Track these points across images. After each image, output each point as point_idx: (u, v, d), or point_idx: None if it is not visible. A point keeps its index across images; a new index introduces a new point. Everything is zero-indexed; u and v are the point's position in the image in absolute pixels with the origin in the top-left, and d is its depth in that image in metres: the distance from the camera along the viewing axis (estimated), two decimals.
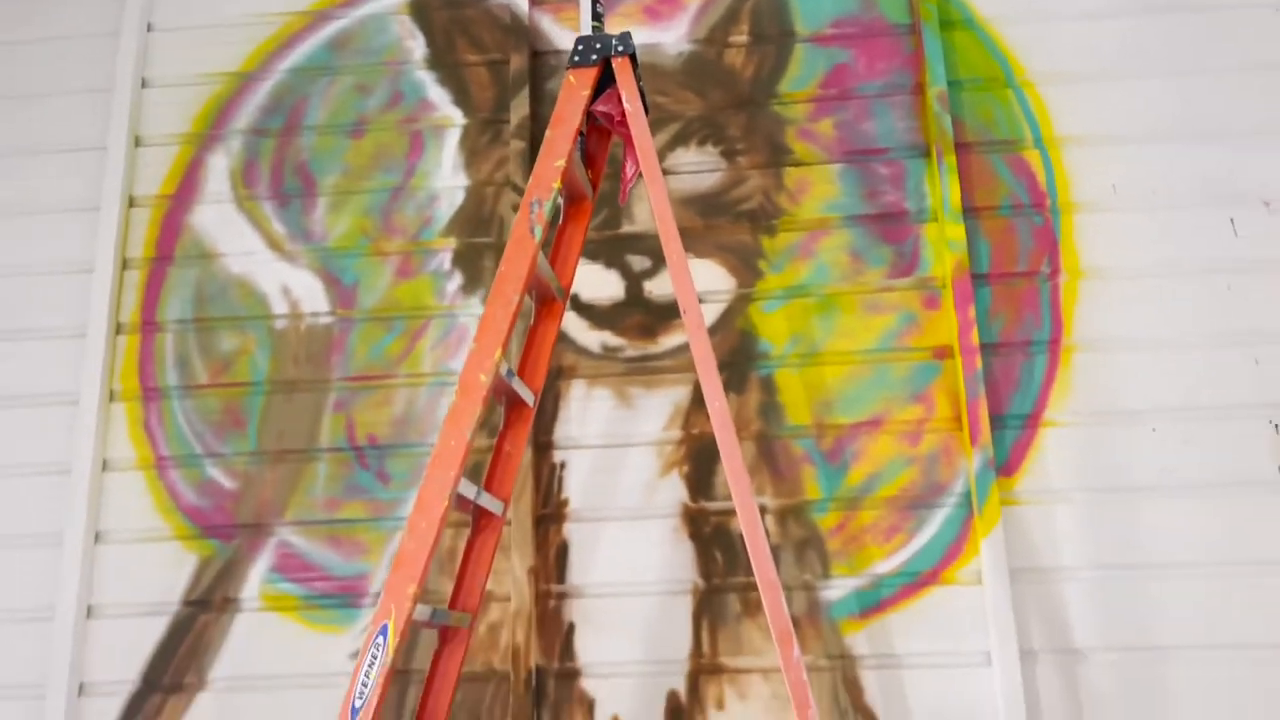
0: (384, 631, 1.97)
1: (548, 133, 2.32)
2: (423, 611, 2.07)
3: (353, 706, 1.93)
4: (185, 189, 3.06)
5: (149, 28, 3.20)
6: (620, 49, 2.38)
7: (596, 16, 2.44)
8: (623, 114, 2.35)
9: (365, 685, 1.93)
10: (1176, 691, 2.52)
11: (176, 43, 3.19)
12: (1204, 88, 2.90)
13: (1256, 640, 2.53)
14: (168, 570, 2.77)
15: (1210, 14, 2.95)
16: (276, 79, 3.14)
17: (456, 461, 2.07)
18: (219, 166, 3.08)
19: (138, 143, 3.10)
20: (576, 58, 2.39)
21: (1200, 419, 2.67)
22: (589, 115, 2.43)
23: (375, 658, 1.95)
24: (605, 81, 2.41)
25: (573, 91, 2.35)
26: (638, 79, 2.38)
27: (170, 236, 3.02)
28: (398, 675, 2.64)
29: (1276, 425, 2.64)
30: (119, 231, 2.99)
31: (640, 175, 2.35)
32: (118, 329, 2.95)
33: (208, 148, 3.10)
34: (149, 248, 3.02)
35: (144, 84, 3.15)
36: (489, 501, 2.33)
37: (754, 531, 2.07)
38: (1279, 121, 2.86)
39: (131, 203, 3.05)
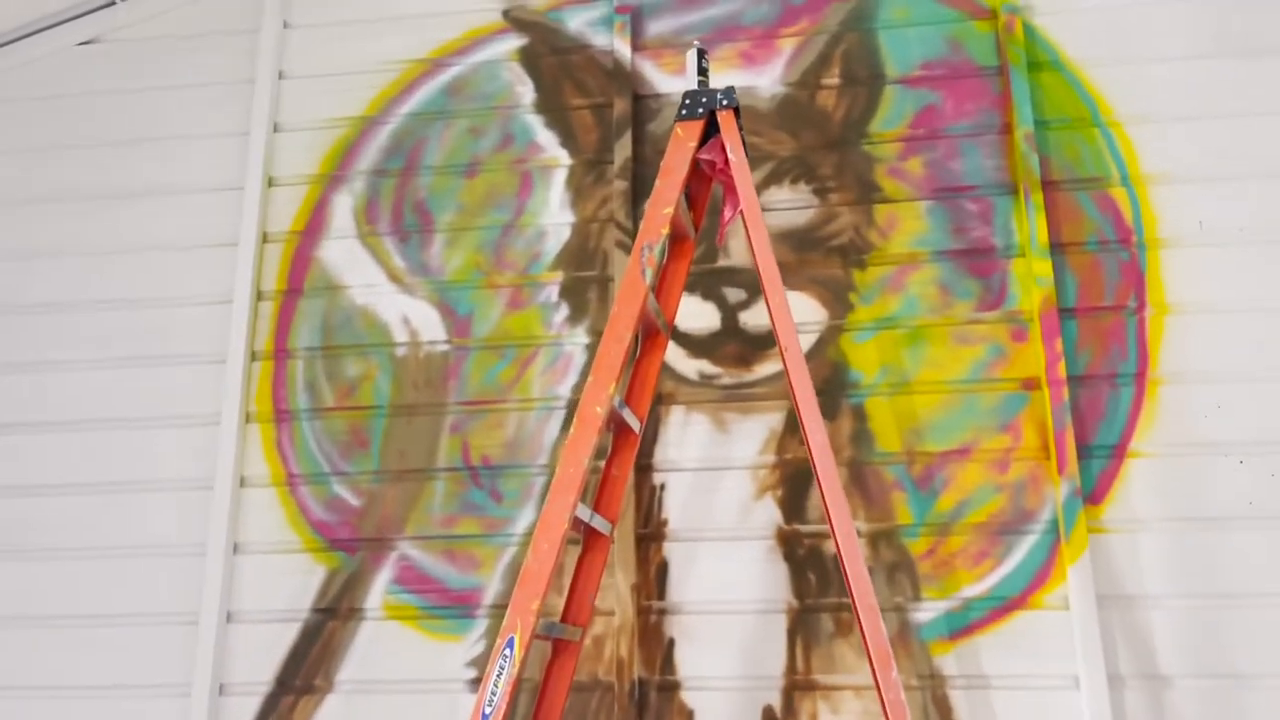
0: (510, 644, 2.15)
1: (657, 182, 2.49)
2: (542, 625, 2.25)
3: (483, 713, 2.12)
4: (313, 226, 3.31)
5: (280, 75, 3.45)
6: (725, 103, 2.53)
7: (702, 71, 2.59)
8: (725, 161, 2.51)
9: (494, 693, 2.11)
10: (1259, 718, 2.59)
11: (305, 89, 3.44)
12: None
13: None
14: (299, 579, 3.00)
15: None
16: (397, 123, 3.37)
17: (575, 487, 2.24)
18: (344, 205, 3.32)
19: (270, 183, 3.35)
20: (684, 111, 2.55)
21: None
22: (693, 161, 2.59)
23: (503, 668, 2.12)
24: (709, 131, 2.58)
25: (680, 143, 2.52)
26: (739, 128, 2.54)
27: (300, 270, 3.26)
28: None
29: None
30: (254, 266, 3.24)
31: (739, 215, 2.51)
32: (253, 356, 3.19)
33: (334, 188, 3.34)
34: (281, 280, 3.26)
35: (276, 128, 3.40)
36: (599, 523, 2.50)
37: (853, 556, 2.21)
38: None
39: (265, 239, 3.30)
